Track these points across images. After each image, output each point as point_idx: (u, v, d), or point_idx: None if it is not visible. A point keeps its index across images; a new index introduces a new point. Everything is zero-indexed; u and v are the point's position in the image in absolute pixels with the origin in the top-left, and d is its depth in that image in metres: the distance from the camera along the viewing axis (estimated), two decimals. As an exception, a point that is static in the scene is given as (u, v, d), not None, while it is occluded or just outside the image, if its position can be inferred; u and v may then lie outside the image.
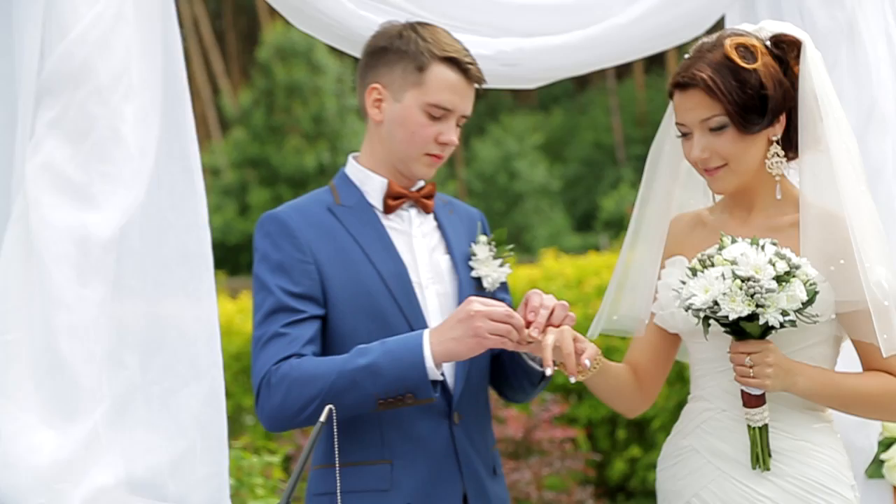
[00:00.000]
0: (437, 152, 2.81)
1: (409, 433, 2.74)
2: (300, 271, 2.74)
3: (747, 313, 2.47)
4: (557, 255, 9.48)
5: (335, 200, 2.84)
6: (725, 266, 2.49)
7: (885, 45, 3.37)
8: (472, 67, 2.80)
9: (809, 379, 2.60)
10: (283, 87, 22.24)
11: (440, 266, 2.85)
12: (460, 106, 2.80)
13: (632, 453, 7.59)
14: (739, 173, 2.65)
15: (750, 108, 2.59)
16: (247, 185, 22.51)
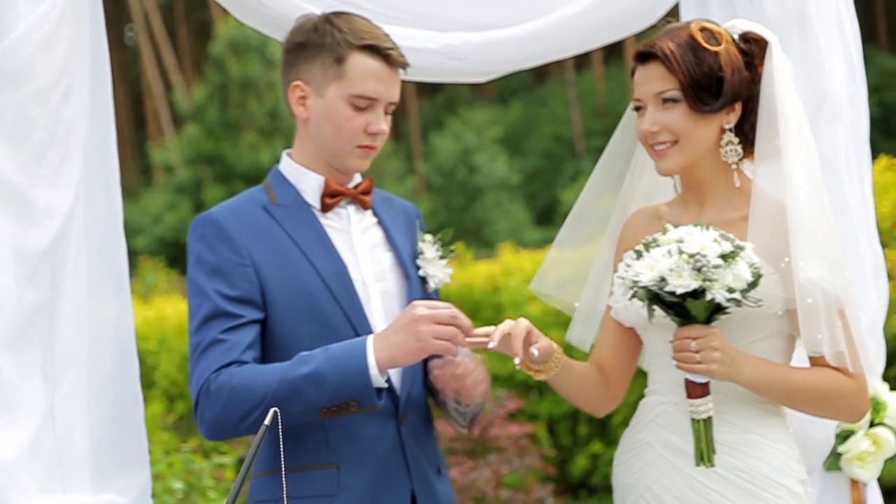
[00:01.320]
0: (369, 143, 2.76)
1: (356, 436, 2.70)
2: (237, 274, 2.69)
3: (694, 287, 2.46)
4: (517, 249, 9.45)
5: (271, 199, 2.79)
6: (671, 244, 2.49)
7: (837, 34, 3.35)
8: (392, 52, 2.74)
9: (755, 369, 2.59)
10: (238, 82, 22.11)
11: (382, 263, 2.80)
12: (385, 93, 2.75)
13: (593, 449, 7.57)
14: (687, 152, 2.65)
15: (704, 87, 2.62)
16: (201, 183, 22.37)
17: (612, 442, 7.42)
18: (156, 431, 6.83)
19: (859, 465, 3.32)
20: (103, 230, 2.86)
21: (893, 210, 5.90)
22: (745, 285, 2.47)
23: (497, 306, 7.76)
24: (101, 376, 2.82)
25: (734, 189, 2.69)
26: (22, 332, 2.66)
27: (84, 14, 2.81)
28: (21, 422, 2.65)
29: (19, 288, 2.67)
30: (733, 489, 2.62)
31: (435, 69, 3.09)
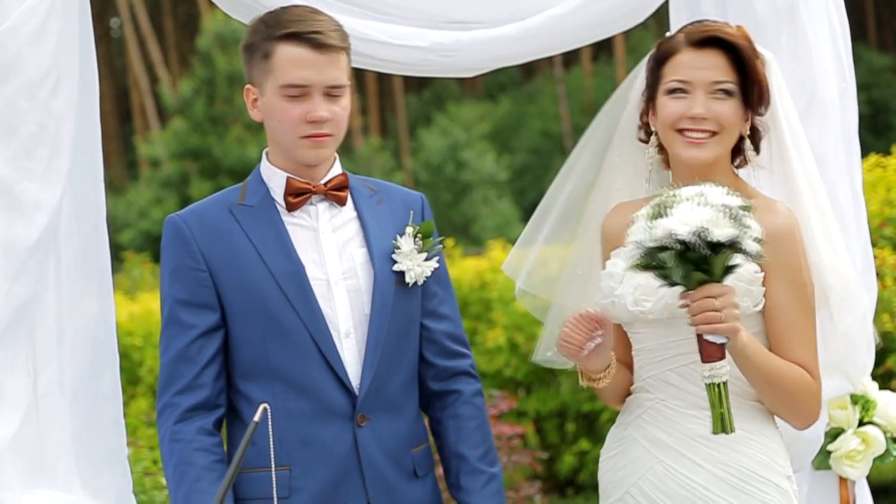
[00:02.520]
0: (312, 132, 2.70)
1: (308, 438, 2.69)
2: (192, 279, 2.72)
3: (734, 236, 2.41)
4: (505, 246, 9.44)
5: (238, 199, 2.78)
6: (695, 199, 2.44)
7: (827, 31, 3.34)
8: (316, 35, 2.68)
9: (749, 337, 2.60)
10: (225, 77, 22.05)
11: (354, 260, 2.76)
12: (315, 78, 2.69)
13: (581, 447, 7.57)
14: (723, 146, 2.68)
15: (754, 89, 2.68)
16: (188, 177, 22.32)
17: (599, 440, 7.41)
18: (141, 427, 6.80)
19: (848, 463, 3.32)
20: (87, 225, 2.85)
21: (882, 208, 5.90)
22: (760, 237, 2.47)
23: (485, 302, 7.75)
24: (79, 372, 2.82)
25: (740, 189, 2.65)
26: (8, 326, 2.65)
27: (72, 7, 2.80)
28: (5, 417, 2.64)
29: (6, 283, 2.66)
30: (719, 483, 2.62)
31: (424, 65, 3.06)
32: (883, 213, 5.89)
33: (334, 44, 2.69)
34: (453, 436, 2.83)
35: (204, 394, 2.70)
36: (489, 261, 8.44)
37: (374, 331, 2.72)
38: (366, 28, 3.03)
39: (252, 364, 2.72)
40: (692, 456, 2.64)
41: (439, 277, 2.83)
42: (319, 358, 2.69)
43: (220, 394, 2.74)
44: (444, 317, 2.83)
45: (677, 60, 2.67)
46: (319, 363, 2.70)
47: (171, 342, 2.72)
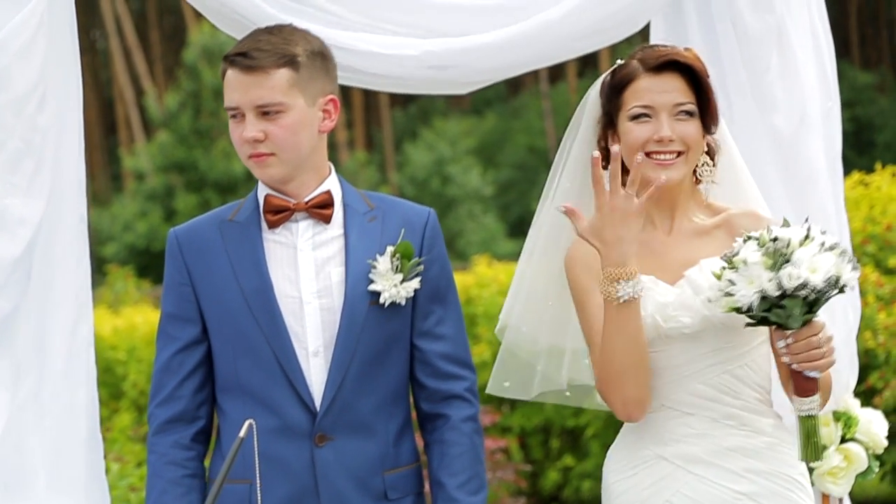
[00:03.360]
0: (250, 151, 2.73)
1: (268, 453, 2.69)
2: (177, 293, 2.78)
3: (854, 278, 2.52)
4: (490, 261, 9.44)
5: (230, 216, 2.81)
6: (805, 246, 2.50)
7: (812, 48, 3.35)
8: (240, 57, 2.70)
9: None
10: (211, 90, 22.01)
11: (332, 279, 2.75)
12: (242, 99, 2.71)
13: (565, 462, 7.56)
14: (689, 165, 2.74)
15: (710, 108, 2.74)
16: (173, 190, 22.26)
17: (583, 455, 7.40)
18: (127, 443, 6.76)
19: (831, 480, 3.32)
20: (68, 239, 2.85)
21: (864, 226, 5.92)
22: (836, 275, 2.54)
23: (470, 317, 7.74)
24: (56, 386, 2.82)
25: (702, 204, 2.79)
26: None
27: (61, 23, 2.81)
28: None
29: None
30: (763, 491, 2.66)
31: (415, 80, 3.06)
32: (865, 230, 5.91)
33: (258, 64, 2.69)
34: (436, 462, 2.80)
35: (181, 406, 2.73)
36: (474, 276, 8.43)
37: (339, 351, 2.71)
38: (354, 40, 3.03)
39: (225, 378, 2.75)
40: (732, 467, 2.66)
41: (440, 296, 2.80)
42: (282, 376, 2.69)
43: (201, 406, 2.76)
44: (440, 337, 2.79)
45: (637, 86, 2.71)
46: (282, 381, 2.70)
47: (159, 353, 2.78)
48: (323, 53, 2.78)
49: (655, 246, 2.73)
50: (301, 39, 2.74)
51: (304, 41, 2.75)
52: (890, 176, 5.95)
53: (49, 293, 2.80)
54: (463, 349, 2.82)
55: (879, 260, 5.88)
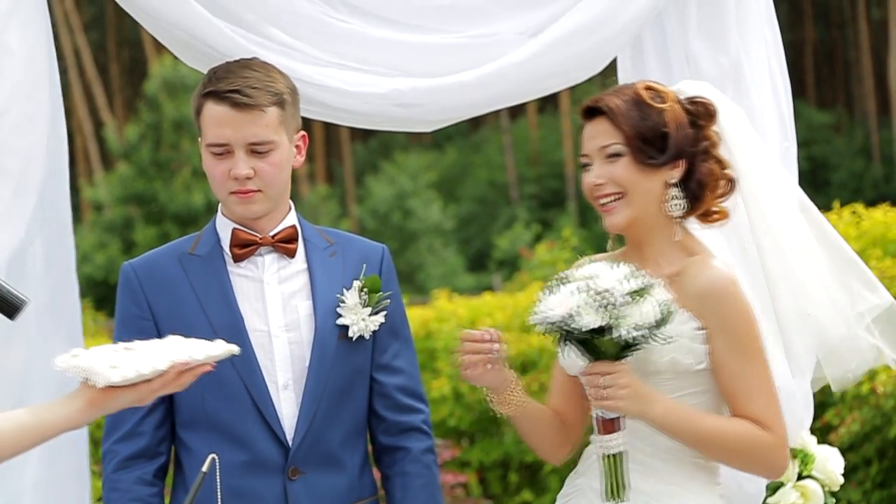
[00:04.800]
0: (236, 188, 2.72)
1: (240, 487, 2.69)
2: (136, 328, 2.72)
3: (600, 324, 2.49)
4: (450, 295, 9.45)
5: (190, 249, 2.79)
6: (580, 281, 2.53)
7: (770, 90, 3.40)
8: (234, 95, 2.69)
9: (665, 409, 2.62)
10: (171, 122, 21.95)
11: (299, 312, 2.76)
12: (234, 136, 2.70)
13: (524, 497, 7.55)
14: (633, 206, 2.69)
15: (648, 140, 2.68)
16: (131, 222, 22.13)
17: (542, 490, 7.40)
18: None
19: (788, 517, 3.34)
20: (58, 269, 2.84)
21: (821, 263, 5.98)
22: (652, 322, 2.51)
23: (430, 352, 7.74)
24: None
25: (673, 243, 2.73)
26: None
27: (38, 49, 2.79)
28: None
29: None
30: None
31: (382, 116, 3.08)
32: (823, 267, 5.96)
33: (254, 102, 2.69)
34: (398, 494, 2.82)
35: (143, 442, 2.70)
36: (434, 310, 8.44)
37: (311, 384, 2.72)
38: (322, 76, 3.04)
39: (191, 413, 2.72)
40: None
41: (396, 330, 2.83)
42: (254, 410, 2.69)
43: (162, 442, 2.74)
44: (397, 370, 2.82)
45: (583, 136, 2.76)
46: (254, 415, 2.70)
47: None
48: (295, 90, 2.81)
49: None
50: (279, 75, 2.77)
51: (283, 77, 2.78)
52: (849, 214, 6.01)
53: (40, 323, 2.79)
54: (418, 383, 2.87)
55: (835, 297, 5.92)
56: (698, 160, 2.73)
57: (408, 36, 3.16)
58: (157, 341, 2.32)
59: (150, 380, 2.16)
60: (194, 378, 2.22)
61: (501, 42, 3.21)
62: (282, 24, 3.05)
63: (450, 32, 3.19)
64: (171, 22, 2.96)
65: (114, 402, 2.14)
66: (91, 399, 2.13)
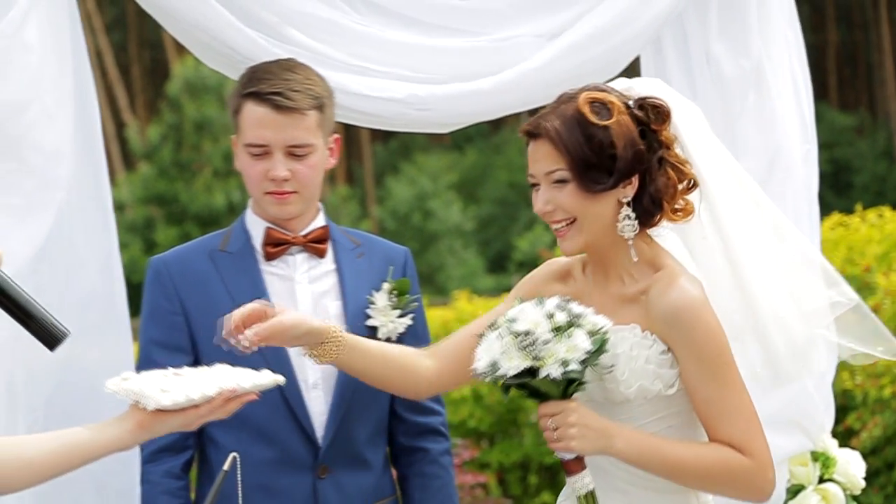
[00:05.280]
0: (273, 189, 2.74)
1: (269, 485, 2.70)
2: (167, 322, 2.74)
3: (524, 368, 2.35)
4: (470, 297, 9.45)
5: (220, 246, 2.80)
6: (503, 326, 2.39)
7: (791, 92, 3.39)
8: (276, 97, 2.70)
9: (628, 443, 2.45)
10: (193, 123, 22.02)
11: (329, 312, 2.78)
12: (275, 139, 2.72)
13: (543, 499, 7.54)
14: (586, 232, 2.53)
15: (593, 165, 2.49)
16: (153, 222, 22.20)
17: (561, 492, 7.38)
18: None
19: (809, 520, 3.33)
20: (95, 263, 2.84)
21: (843, 267, 5.96)
22: (583, 354, 2.36)
23: (450, 353, 7.74)
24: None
25: (634, 263, 2.55)
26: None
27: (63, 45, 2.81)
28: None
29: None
30: None
31: (400, 118, 3.09)
32: (844, 271, 5.94)
33: (295, 105, 2.71)
34: (417, 494, 2.85)
35: (172, 436, 2.70)
36: (455, 311, 8.44)
37: (340, 384, 2.73)
38: (345, 80, 3.06)
39: None
40: None
41: (417, 334, 2.84)
42: (284, 407, 2.70)
43: (189, 436, 2.76)
44: None
45: (528, 154, 2.57)
46: (284, 413, 2.71)
47: None
48: (332, 93, 2.83)
49: (591, 303, 2.52)
50: (318, 78, 2.79)
51: (321, 80, 2.80)
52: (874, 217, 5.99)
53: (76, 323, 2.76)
54: None
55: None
56: (653, 172, 2.53)
57: (425, 39, 3.17)
58: (206, 368, 2.33)
59: (198, 405, 2.19)
60: (240, 406, 2.25)
61: (519, 45, 3.21)
62: (302, 26, 3.06)
63: (468, 35, 3.20)
64: (192, 23, 2.97)
65: (162, 425, 2.18)
66: (140, 421, 2.16)
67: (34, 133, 2.74)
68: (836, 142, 26.97)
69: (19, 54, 2.73)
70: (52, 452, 2.11)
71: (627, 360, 2.49)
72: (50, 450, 2.11)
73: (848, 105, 32.06)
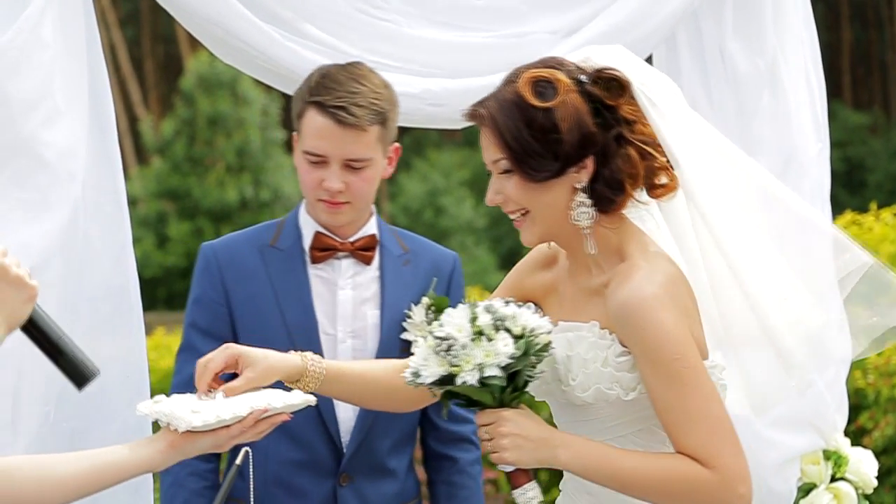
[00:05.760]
0: (325, 198, 2.75)
1: (291, 487, 2.72)
2: (211, 310, 2.75)
3: (442, 374, 2.22)
4: (482, 293, 9.44)
5: (271, 241, 2.80)
6: (427, 336, 2.28)
7: (805, 90, 3.38)
8: (340, 112, 2.68)
9: (575, 454, 2.26)
10: (206, 118, 22.05)
11: (367, 320, 2.78)
12: (334, 152, 2.71)
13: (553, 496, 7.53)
14: (540, 223, 2.33)
15: (536, 153, 2.27)
16: (165, 217, 22.24)
17: (572, 489, 7.38)
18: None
19: (821, 519, 3.33)
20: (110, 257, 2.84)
21: (856, 265, 5.93)
22: (505, 359, 2.20)
23: (461, 350, 7.74)
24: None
25: (593, 251, 2.34)
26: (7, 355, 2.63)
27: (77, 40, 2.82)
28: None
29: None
30: None
31: (415, 114, 3.09)
32: (857, 269, 5.92)
33: (357, 123, 2.69)
34: (443, 502, 2.87)
35: None
36: (466, 308, 8.43)
37: None
38: None
39: None
40: None
41: None
42: (314, 411, 2.68)
43: None
44: None
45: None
46: (314, 418, 2.72)
47: (182, 366, 2.76)
48: (396, 102, 2.80)
49: (564, 295, 2.43)
50: (384, 90, 2.75)
51: (387, 90, 2.75)
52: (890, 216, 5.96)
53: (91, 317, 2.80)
54: None
55: (870, 299, 5.88)
56: (609, 152, 2.29)
57: (441, 34, 3.17)
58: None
59: (230, 426, 2.19)
60: (272, 427, 2.24)
61: (534, 42, 3.20)
62: (317, 21, 3.06)
63: (483, 32, 3.20)
64: (206, 18, 2.97)
65: (193, 445, 2.19)
66: (172, 442, 2.17)
67: (49, 128, 2.75)
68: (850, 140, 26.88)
69: (35, 51, 2.74)
70: (84, 472, 2.11)
71: (581, 362, 2.30)
72: (82, 469, 2.11)
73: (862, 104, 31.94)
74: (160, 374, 8.15)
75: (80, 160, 2.79)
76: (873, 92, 33.20)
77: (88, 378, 2.09)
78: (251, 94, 22.14)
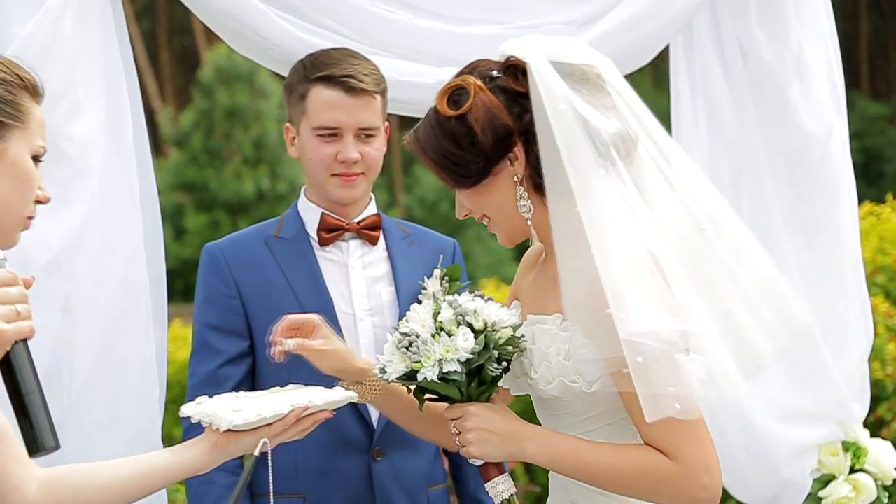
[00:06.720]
0: (342, 171, 2.78)
1: (325, 467, 2.73)
2: (224, 306, 2.76)
3: (405, 370, 2.26)
4: (498, 284, 9.45)
5: (275, 232, 2.83)
6: (397, 331, 2.32)
7: (828, 82, 3.37)
8: (349, 79, 2.75)
9: (541, 446, 2.26)
10: (224, 111, 22.09)
11: (382, 298, 2.81)
12: (347, 121, 2.77)
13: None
14: (500, 224, 2.37)
15: (460, 161, 2.31)
16: (182, 209, 22.30)
17: (589, 481, 7.38)
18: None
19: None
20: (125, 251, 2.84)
21: (874, 256, 5.92)
22: (465, 354, 2.22)
23: (478, 341, 7.74)
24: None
25: (536, 242, 2.39)
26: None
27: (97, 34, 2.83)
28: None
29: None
30: None
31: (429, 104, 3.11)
32: (875, 260, 5.91)
33: (366, 88, 2.77)
34: (472, 483, 2.91)
35: None
36: (483, 299, 8.44)
37: None
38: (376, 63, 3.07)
39: None
40: None
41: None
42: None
43: None
44: None
45: None
46: None
47: (199, 366, 2.77)
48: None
49: (537, 287, 2.42)
50: (376, 67, 2.83)
51: (378, 69, 2.83)
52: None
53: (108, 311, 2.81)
54: None
55: (889, 291, 5.87)
56: (533, 137, 2.26)
57: (455, 27, 3.17)
58: (279, 388, 2.33)
59: (271, 424, 2.19)
60: (315, 424, 2.24)
61: (550, 33, 3.20)
62: (332, 13, 3.07)
63: (498, 24, 3.20)
64: (222, 10, 2.98)
65: (236, 445, 2.19)
66: (215, 443, 2.18)
67: (71, 122, 2.77)
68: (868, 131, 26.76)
69: (56, 44, 2.75)
70: (130, 476, 2.12)
71: (542, 356, 2.28)
72: (128, 474, 2.13)
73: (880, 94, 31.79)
74: (177, 366, 8.17)
75: (99, 155, 2.81)
76: (891, 82, 33.02)
77: (39, 449, 1.95)
78: (269, 87, 22.16)
